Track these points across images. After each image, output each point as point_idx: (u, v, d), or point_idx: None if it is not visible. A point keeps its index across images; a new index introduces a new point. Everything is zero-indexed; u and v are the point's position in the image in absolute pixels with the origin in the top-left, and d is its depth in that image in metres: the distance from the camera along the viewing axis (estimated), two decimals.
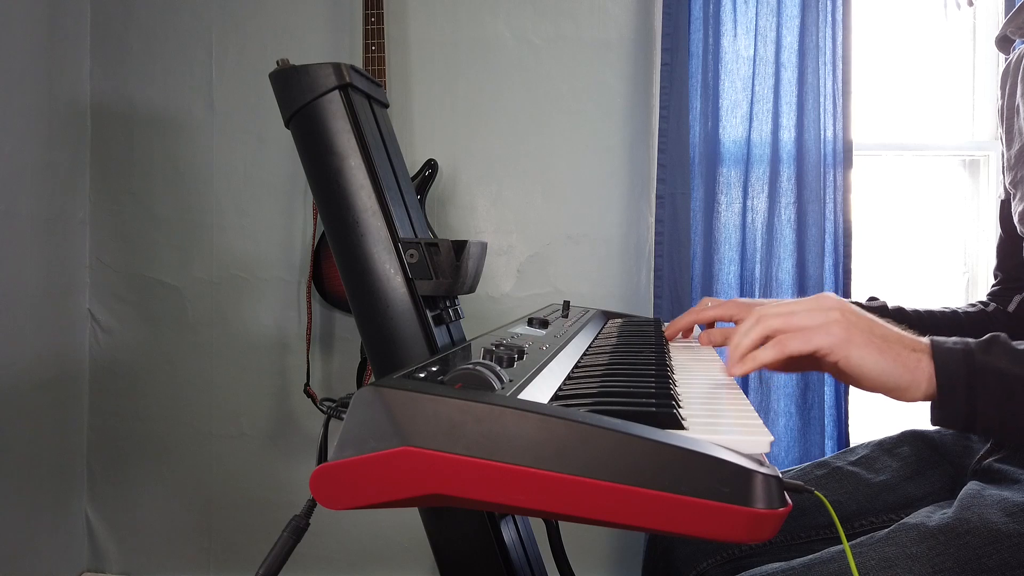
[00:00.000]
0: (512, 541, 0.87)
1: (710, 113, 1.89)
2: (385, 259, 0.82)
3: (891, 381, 0.62)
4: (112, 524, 2.05)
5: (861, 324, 0.63)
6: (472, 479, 0.45)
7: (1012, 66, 1.06)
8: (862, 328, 0.63)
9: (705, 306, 1.07)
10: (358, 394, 0.47)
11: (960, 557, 0.67)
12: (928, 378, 0.62)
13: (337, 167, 0.83)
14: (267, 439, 2.04)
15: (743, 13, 1.88)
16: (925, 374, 0.62)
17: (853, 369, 0.62)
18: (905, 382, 0.62)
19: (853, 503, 0.90)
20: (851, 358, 0.62)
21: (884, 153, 2.08)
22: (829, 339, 0.62)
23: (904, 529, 0.71)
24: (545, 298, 2.00)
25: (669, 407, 0.55)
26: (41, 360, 1.86)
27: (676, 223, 1.88)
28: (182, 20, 2.01)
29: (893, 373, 0.62)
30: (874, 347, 0.62)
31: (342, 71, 0.84)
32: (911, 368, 0.62)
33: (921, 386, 0.62)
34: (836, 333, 0.62)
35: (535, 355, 0.68)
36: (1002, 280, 1.10)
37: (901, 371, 0.62)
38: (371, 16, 1.84)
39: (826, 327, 0.62)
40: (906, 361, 0.62)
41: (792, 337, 0.62)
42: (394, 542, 2.02)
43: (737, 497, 0.43)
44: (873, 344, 0.62)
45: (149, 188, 2.03)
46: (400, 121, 1.97)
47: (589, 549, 1.98)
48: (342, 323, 2.02)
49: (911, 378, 0.62)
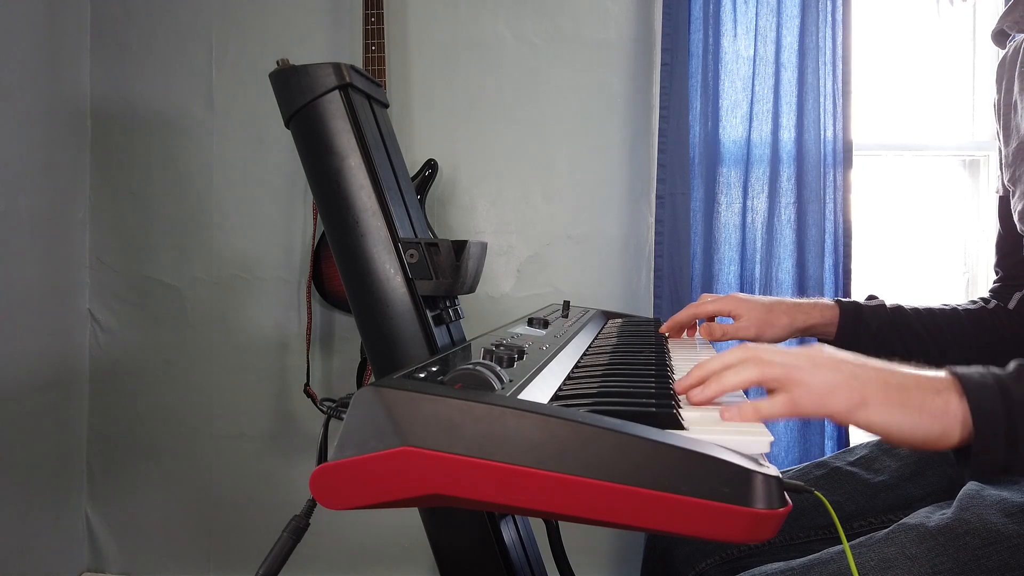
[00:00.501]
0: (512, 541, 0.87)
1: (710, 113, 1.89)
2: (385, 259, 0.82)
3: (920, 435, 0.55)
4: (112, 524, 2.05)
5: (871, 377, 0.56)
6: (472, 479, 0.45)
7: (1008, 60, 1.04)
8: (874, 382, 0.56)
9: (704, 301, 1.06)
10: (358, 394, 0.47)
11: (959, 558, 0.67)
12: (962, 423, 0.55)
13: (337, 167, 0.83)
14: (267, 439, 2.04)
15: (743, 13, 1.88)
16: (957, 419, 0.55)
17: (878, 430, 0.56)
18: (936, 432, 0.55)
19: (852, 503, 0.90)
20: (873, 421, 0.55)
21: (884, 153, 2.08)
22: (843, 403, 0.55)
23: (903, 530, 0.71)
24: (545, 298, 2.00)
25: (669, 407, 0.55)
26: (41, 360, 1.86)
27: (676, 223, 1.88)
28: (182, 20, 2.01)
29: (922, 426, 0.55)
30: (894, 402, 0.55)
31: (342, 71, 0.84)
32: (939, 415, 0.55)
33: (954, 433, 0.55)
34: (848, 396, 0.55)
35: (535, 355, 0.68)
36: (1002, 277, 1.09)
37: (930, 422, 0.55)
38: (371, 16, 1.84)
39: (835, 390, 0.55)
40: (933, 408, 0.55)
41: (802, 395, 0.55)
42: (394, 542, 2.02)
43: (737, 497, 0.43)
44: (892, 399, 0.55)
45: (149, 188, 2.03)
46: (400, 121, 1.97)
47: (589, 549, 1.98)
48: (342, 323, 2.01)
49: (942, 427, 0.55)
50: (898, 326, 1.04)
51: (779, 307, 1.04)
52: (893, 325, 1.04)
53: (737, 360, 0.59)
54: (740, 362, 0.58)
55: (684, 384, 0.60)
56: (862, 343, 1.04)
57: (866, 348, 1.06)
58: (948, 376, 0.57)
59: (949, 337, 1.03)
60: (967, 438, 0.55)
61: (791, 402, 0.55)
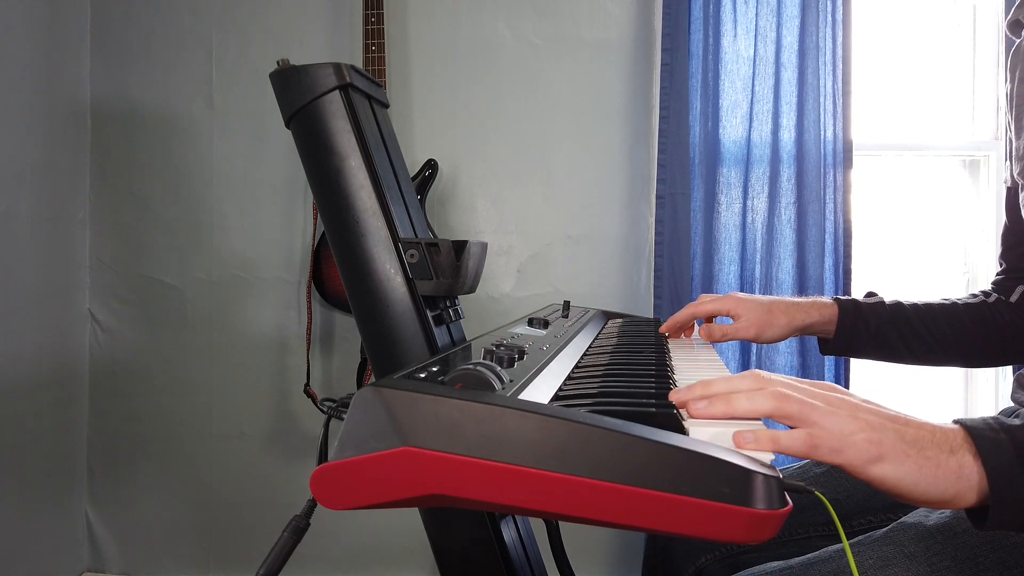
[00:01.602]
0: (512, 541, 0.87)
1: (710, 113, 1.89)
2: (385, 259, 0.82)
3: (935, 495, 0.54)
4: (112, 524, 2.05)
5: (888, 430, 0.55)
6: (472, 479, 0.45)
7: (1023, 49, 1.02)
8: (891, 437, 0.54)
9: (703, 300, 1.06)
10: (358, 394, 0.47)
11: (958, 556, 0.67)
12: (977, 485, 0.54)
13: (337, 167, 0.83)
14: (267, 439, 2.04)
15: (743, 13, 1.88)
16: (972, 481, 0.54)
17: (890, 488, 0.55)
18: (951, 494, 0.54)
19: (851, 502, 0.91)
20: (887, 477, 0.54)
21: (884, 153, 2.08)
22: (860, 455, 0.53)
23: (902, 528, 0.71)
24: (545, 298, 2.00)
25: (670, 408, 0.55)
26: (41, 360, 1.86)
27: (676, 223, 1.88)
28: (182, 20, 2.01)
29: (936, 486, 0.54)
30: (910, 460, 0.54)
31: (342, 71, 0.84)
32: (954, 476, 0.54)
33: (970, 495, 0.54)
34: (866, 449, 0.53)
35: (535, 355, 0.68)
36: (1006, 269, 1.08)
37: (945, 483, 0.54)
38: (371, 16, 1.84)
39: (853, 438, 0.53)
40: (947, 469, 0.54)
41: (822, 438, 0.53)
42: (394, 542, 2.02)
43: (737, 497, 0.43)
44: (909, 457, 0.54)
45: (149, 188, 2.03)
46: (400, 121, 1.97)
47: (589, 549, 1.98)
48: (342, 323, 2.01)
49: (956, 489, 0.54)
50: (897, 323, 1.03)
51: (778, 306, 1.03)
52: (892, 322, 1.03)
53: (749, 387, 0.56)
54: (753, 390, 0.56)
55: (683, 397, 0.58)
56: (861, 341, 1.04)
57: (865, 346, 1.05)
58: (960, 431, 0.56)
59: (949, 333, 1.03)
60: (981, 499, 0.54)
61: (811, 441, 0.53)
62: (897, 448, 0.54)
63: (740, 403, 0.55)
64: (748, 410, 0.55)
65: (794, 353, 1.89)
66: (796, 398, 0.55)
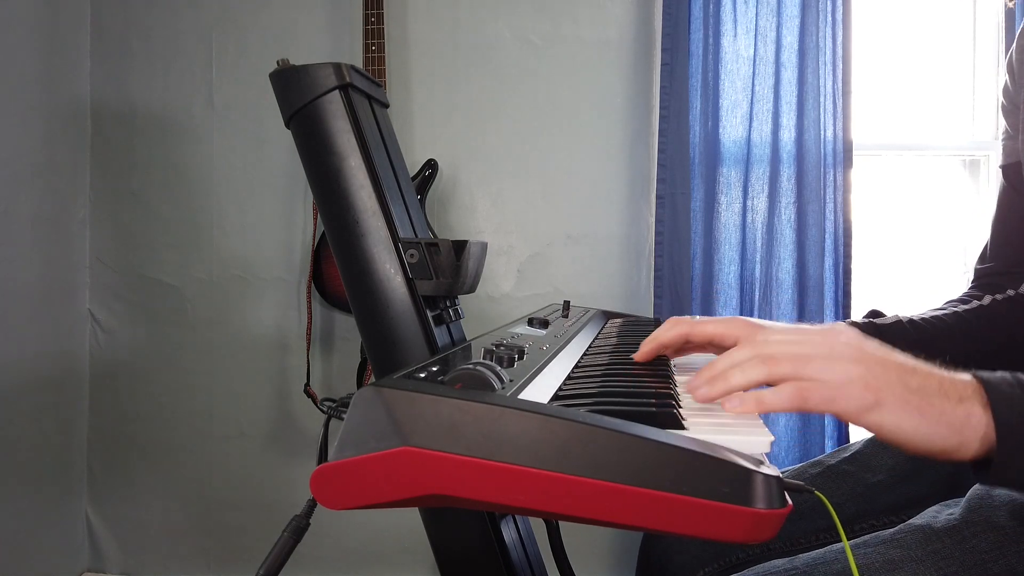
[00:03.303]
0: (512, 541, 0.87)
1: (710, 113, 1.89)
2: (385, 259, 0.82)
3: (935, 444, 0.52)
4: (112, 524, 2.05)
5: (890, 377, 0.52)
6: (472, 479, 0.45)
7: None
8: (892, 383, 0.52)
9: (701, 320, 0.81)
10: (358, 394, 0.47)
11: (965, 561, 0.66)
12: (983, 436, 0.52)
13: (337, 167, 0.83)
14: (267, 439, 2.04)
15: (743, 13, 1.88)
16: (978, 431, 0.52)
17: (888, 435, 0.52)
18: (953, 444, 0.52)
19: (852, 505, 0.89)
20: (884, 424, 0.52)
21: (884, 153, 2.08)
22: (854, 402, 0.51)
23: (910, 530, 0.70)
24: (545, 298, 2.00)
25: (669, 407, 0.55)
26: (41, 360, 1.86)
27: (676, 223, 1.88)
28: (182, 20, 2.01)
29: (937, 435, 0.52)
30: (912, 407, 0.52)
31: (342, 71, 0.84)
32: (958, 427, 0.52)
33: (972, 446, 0.52)
34: (861, 395, 0.51)
35: (535, 355, 0.68)
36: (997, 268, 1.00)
37: (947, 432, 0.52)
38: (371, 16, 1.84)
39: (847, 387, 0.52)
40: (952, 418, 0.52)
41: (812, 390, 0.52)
42: (394, 542, 2.02)
43: (737, 497, 0.43)
44: (910, 404, 0.52)
45: (149, 188, 2.03)
46: (400, 121, 1.97)
47: (589, 549, 1.98)
48: (342, 323, 2.01)
49: (960, 439, 0.52)
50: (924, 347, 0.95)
51: None
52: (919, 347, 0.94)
53: (745, 358, 0.55)
54: (747, 360, 0.54)
55: (692, 383, 0.57)
56: None
57: None
58: (973, 382, 0.54)
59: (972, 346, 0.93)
60: (986, 451, 0.52)
61: (798, 395, 0.52)
62: (897, 394, 0.52)
63: (735, 378, 0.54)
64: (743, 382, 0.54)
65: None
66: (787, 356, 0.53)
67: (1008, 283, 0.98)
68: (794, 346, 0.54)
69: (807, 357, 0.53)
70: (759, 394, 0.52)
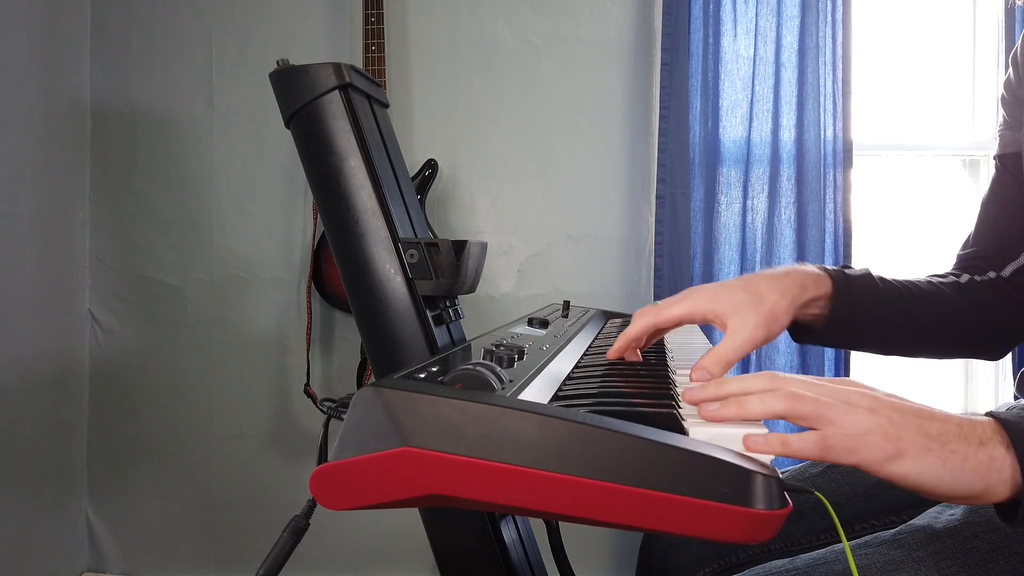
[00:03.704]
0: (512, 541, 0.87)
1: (710, 113, 1.89)
2: (385, 259, 0.82)
3: (962, 489, 0.51)
4: (112, 524, 2.05)
5: (909, 425, 0.52)
6: (472, 479, 0.45)
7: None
8: (911, 432, 0.52)
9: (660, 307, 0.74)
10: (358, 394, 0.47)
11: (967, 562, 0.66)
12: (1009, 480, 0.51)
13: (337, 167, 0.83)
14: (267, 439, 2.04)
15: (743, 13, 1.88)
16: (1005, 474, 0.51)
17: (912, 485, 0.52)
18: (979, 489, 0.51)
19: (852, 505, 0.89)
20: (908, 474, 0.51)
21: (884, 153, 2.08)
22: (876, 453, 0.51)
23: (911, 531, 0.70)
24: (545, 298, 2.00)
25: (669, 407, 0.55)
26: (41, 360, 1.86)
27: (676, 223, 1.88)
28: (182, 20, 2.01)
29: (963, 482, 0.51)
30: (934, 455, 0.51)
31: (342, 71, 0.84)
32: (983, 471, 0.51)
33: (1002, 489, 0.52)
34: (882, 445, 0.51)
35: (535, 355, 0.68)
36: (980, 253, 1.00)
37: (972, 478, 0.51)
38: (371, 16, 1.84)
39: (868, 436, 0.51)
40: (975, 464, 0.51)
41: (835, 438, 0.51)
42: (394, 542, 2.02)
43: (737, 498, 0.43)
44: (931, 452, 0.51)
45: (149, 188, 2.03)
46: (400, 121, 1.97)
47: (589, 549, 1.98)
48: (342, 323, 2.01)
49: (985, 484, 0.51)
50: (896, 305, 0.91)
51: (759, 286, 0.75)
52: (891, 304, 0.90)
53: (762, 388, 0.54)
54: (766, 391, 0.53)
55: (697, 396, 0.56)
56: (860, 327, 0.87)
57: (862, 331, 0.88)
58: (992, 423, 0.53)
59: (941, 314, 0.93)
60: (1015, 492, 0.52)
61: (823, 442, 0.51)
62: (918, 443, 0.51)
63: (752, 405, 0.53)
64: (761, 412, 0.53)
65: (794, 353, 1.90)
66: (811, 398, 0.52)
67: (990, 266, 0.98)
68: (812, 387, 0.54)
69: (828, 404, 0.52)
70: (784, 437, 0.51)
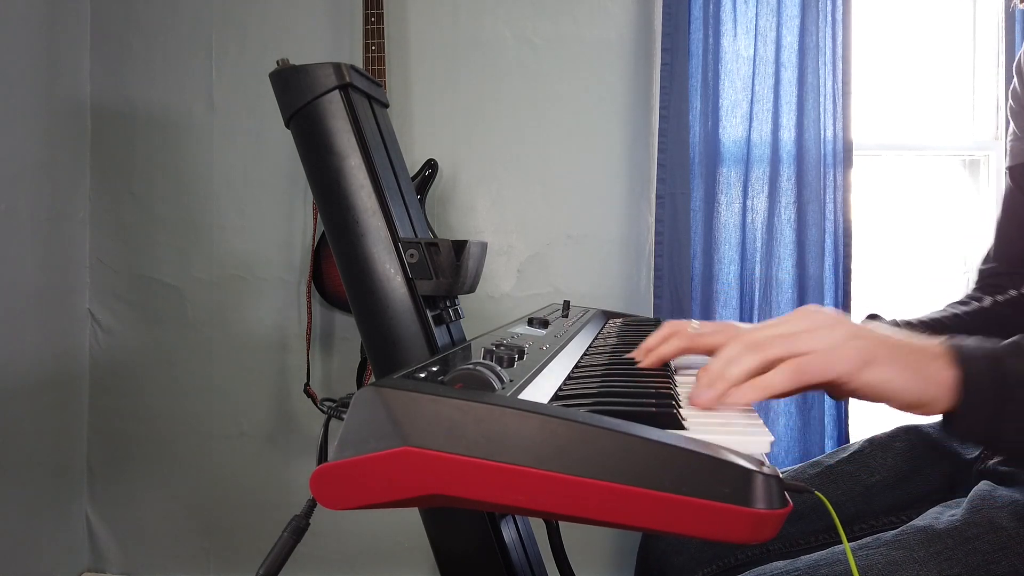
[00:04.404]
0: (512, 541, 0.87)
1: (710, 113, 1.89)
2: (385, 259, 0.82)
3: (915, 396, 0.56)
4: (112, 524, 2.05)
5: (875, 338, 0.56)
6: (472, 479, 0.45)
7: None
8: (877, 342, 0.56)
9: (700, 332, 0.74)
10: (358, 394, 0.47)
11: (968, 562, 0.66)
12: (950, 389, 0.56)
13: (337, 167, 0.83)
14: (267, 439, 2.04)
15: (743, 13, 1.88)
16: (947, 385, 0.56)
17: (877, 391, 0.55)
18: (929, 396, 0.56)
19: (852, 506, 0.89)
20: (875, 380, 0.55)
21: (884, 153, 2.08)
22: (848, 364, 0.54)
23: (912, 531, 0.70)
24: (545, 298, 2.00)
25: (669, 407, 0.55)
26: (41, 360, 1.86)
27: (676, 223, 1.88)
28: (182, 20, 2.01)
29: (917, 387, 0.55)
30: (898, 362, 0.55)
31: (342, 71, 0.84)
32: (934, 380, 0.56)
33: (944, 399, 0.56)
34: (853, 356, 0.54)
35: (535, 355, 0.68)
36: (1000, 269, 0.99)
37: (924, 385, 0.55)
38: (371, 16, 1.84)
39: (839, 350, 0.54)
40: (928, 372, 0.56)
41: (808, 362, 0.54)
42: (394, 542, 2.02)
43: (737, 497, 0.43)
44: (895, 359, 0.55)
45: (149, 188, 2.03)
46: (400, 121, 1.97)
47: (589, 549, 1.98)
48: (342, 323, 2.01)
49: (935, 392, 0.56)
50: None
51: None
52: None
53: (735, 352, 0.56)
54: (738, 353, 0.56)
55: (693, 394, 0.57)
56: None
57: None
58: (944, 344, 0.58)
59: None
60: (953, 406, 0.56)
61: (797, 371, 0.53)
62: (885, 352, 0.55)
63: (731, 371, 0.55)
64: (740, 373, 0.55)
65: None
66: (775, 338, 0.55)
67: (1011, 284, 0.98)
68: (777, 328, 0.57)
69: (793, 335, 0.55)
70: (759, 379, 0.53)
